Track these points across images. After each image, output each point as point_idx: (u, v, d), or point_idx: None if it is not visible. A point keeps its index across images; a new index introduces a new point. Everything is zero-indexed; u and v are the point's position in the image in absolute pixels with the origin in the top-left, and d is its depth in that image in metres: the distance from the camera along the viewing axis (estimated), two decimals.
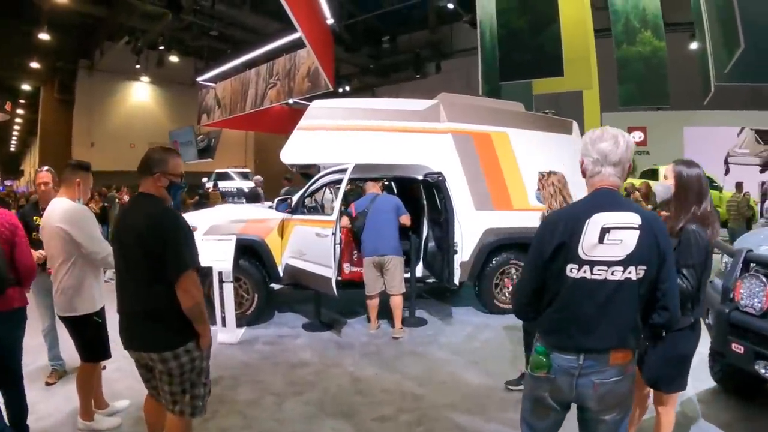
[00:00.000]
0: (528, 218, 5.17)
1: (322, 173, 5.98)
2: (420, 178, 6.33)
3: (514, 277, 6.32)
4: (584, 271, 1.87)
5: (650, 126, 19.78)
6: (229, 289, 5.32)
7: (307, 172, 7.39)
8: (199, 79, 22.21)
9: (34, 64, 20.55)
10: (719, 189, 14.66)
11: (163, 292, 2.37)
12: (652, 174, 15.04)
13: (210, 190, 13.51)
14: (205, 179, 19.79)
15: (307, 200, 6.42)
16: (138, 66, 21.37)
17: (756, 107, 17.08)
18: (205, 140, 21.98)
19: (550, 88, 11.98)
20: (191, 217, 5.67)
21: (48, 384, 4.14)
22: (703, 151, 15.66)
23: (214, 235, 5.58)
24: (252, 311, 5.83)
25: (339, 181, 6.70)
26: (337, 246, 5.49)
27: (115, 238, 2.56)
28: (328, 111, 6.32)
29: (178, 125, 23.88)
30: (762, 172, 16.80)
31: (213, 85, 21.47)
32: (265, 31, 19.25)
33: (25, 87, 24.54)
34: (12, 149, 41.67)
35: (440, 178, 5.62)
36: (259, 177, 13.79)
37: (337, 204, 5.36)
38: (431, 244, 6.43)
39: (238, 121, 20.39)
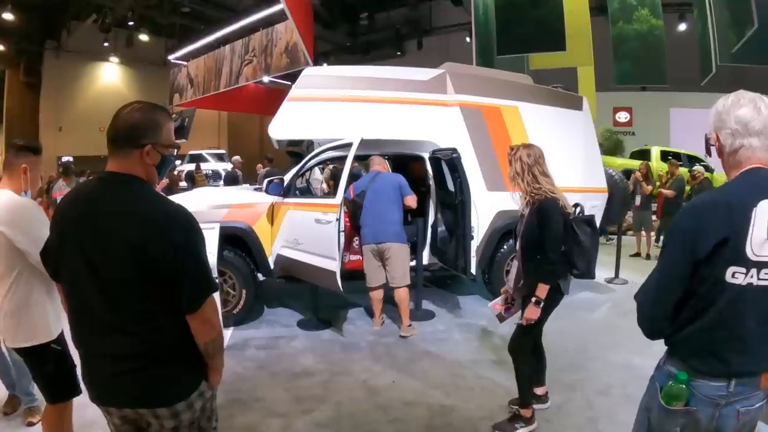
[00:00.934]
0: None
1: (320, 149, 5.27)
2: (424, 155, 5.68)
3: None
4: (751, 276, 1.49)
5: (636, 106, 19.77)
6: None
7: (295, 149, 6.68)
8: (171, 57, 21.08)
9: None
10: (711, 170, 14.42)
11: (170, 325, 1.60)
12: (642, 155, 14.87)
13: (196, 173, 12.53)
14: (178, 161, 18.76)
15: (297, 181, 5.71)
16: (107, 44, 20.19)
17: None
18: (179, 120, 20.88)
19: (548, 63, 11.48)
20: None
21: (5, 414, 3.35)
22: (690, 132, 15.52)
23: None
24: (240, 309, 5.10)
25: (328, 160, 6.00)
26: (341, 234, 4.78)
27: (66, 242, 1.63)
28: (322, 79, 5.66)
29: None
30: None
31: (185, 63, 20.42)
32: (239, 8, 18.30)
33: None
34: None
35: (455, 155, 4.89)
36: (237, 157, 12.99)
37: (342, 185, 4.64)
38: (440, 228, 5.78)
39: (212, 100, 19.52)
